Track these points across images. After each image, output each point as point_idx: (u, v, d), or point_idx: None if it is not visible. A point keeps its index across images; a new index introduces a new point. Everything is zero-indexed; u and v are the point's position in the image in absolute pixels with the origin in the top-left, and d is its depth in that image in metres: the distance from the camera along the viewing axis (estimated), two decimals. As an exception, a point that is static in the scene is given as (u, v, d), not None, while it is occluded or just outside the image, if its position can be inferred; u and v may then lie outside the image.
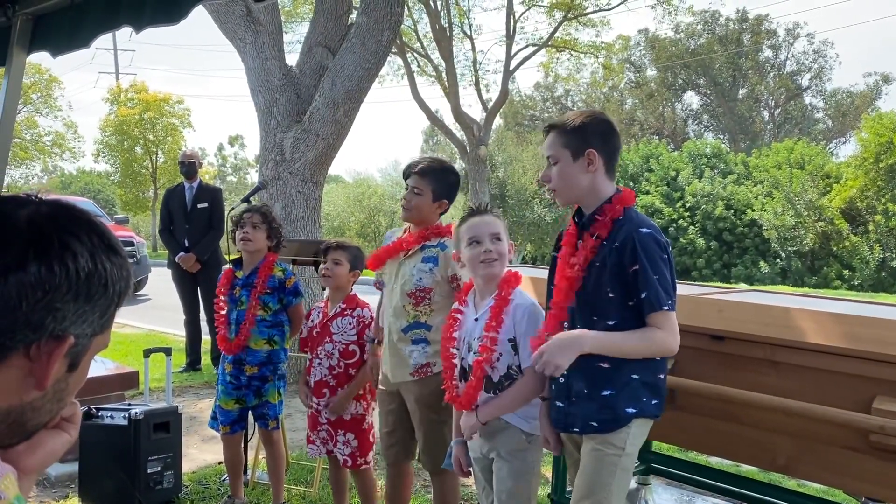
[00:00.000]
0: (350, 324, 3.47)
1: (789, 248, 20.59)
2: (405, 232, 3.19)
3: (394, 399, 3.17)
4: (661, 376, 2.28)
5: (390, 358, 3.10)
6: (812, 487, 3.86)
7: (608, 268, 2.19)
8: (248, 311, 3.68)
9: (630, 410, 2.20)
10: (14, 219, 0.83)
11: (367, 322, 3.45)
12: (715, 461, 4.17)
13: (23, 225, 0.83)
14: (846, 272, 19.89)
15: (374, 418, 3.48)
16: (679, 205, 22.49)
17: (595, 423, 2.23)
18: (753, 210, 21.46)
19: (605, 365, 2.21)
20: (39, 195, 0.89)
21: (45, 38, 2.95)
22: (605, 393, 2.21)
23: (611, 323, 2.20)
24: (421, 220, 3.09)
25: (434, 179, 3.05)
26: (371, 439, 3.50)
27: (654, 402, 2.24)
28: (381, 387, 3.25)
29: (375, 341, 3.34)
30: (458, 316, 2.64)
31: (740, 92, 36.57)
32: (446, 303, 3.02)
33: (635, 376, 2.21)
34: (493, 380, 2.48)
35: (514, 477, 2.47)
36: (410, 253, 3.08)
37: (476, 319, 2.54)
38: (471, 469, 2.69)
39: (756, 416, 2.43)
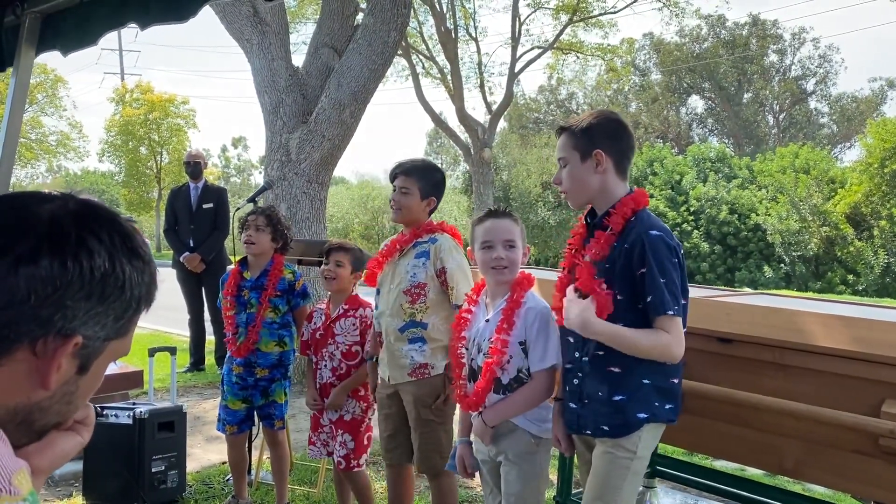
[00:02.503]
0: (353, 325, 3.46)
1: (793, 253, 20.54)
2: (399, 235, 3.22)
3: (393, 402, 3.17)
4: (675, 381, 2.25)
5: (388, 359, 3.10)
6: (818, 491, 3.84)
7: (617, 270, 2.18)
8: (258, 315, 3.67)
9: (641, 416, 2.19)
10: (36, 213, 0.83)
11: (369, 322, 3.43)
12: (719, 464, 4.16)
13: (43, 219, 0.82)
14: (850, 277, 19.85)
15: (374, 421, 3.47)
16: (683, 209, 22.45)
17: (606, 427, 2.22)
18: (758, 214, 21.42)
19: (616, 369, 2.20)
20: (73, 194, 0.88)
21: (54, 36, 2.95)
22: (617, 398, 2.20)
23: (619, 325, 2.19)
24: (411, 220, 3.11)
25: (421, 178, 3.08)
26: (366, 442, 3.49)
27: (667, 406, 2.23)
28: (379, 390, 3.24)
29: (374, 358, 3.32)
30: (468, 315, 2.63)
31: (745, 96, 36.51)
32: (439, 300, 3.03)
33: (646, 381, 2.19)
34: (503, 382, 2.47)
35: (523, 480, 2.47)
36: (404, 252, 3.10)
37: (487, 320, 2.54)
38: (474, 470, 2.68)
39: (764, 419, 2.41)
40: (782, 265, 20.99)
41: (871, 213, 20.21)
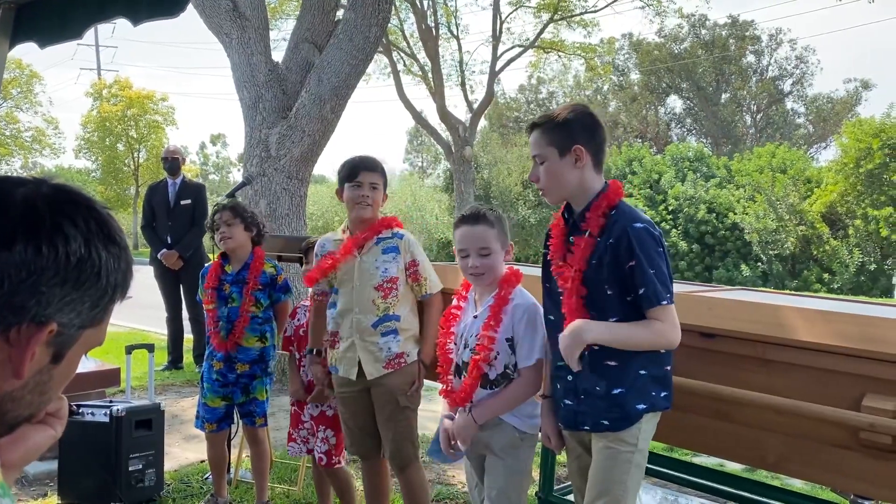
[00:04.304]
0: None
1: (770, 252, 20.76)
2: (344, 233, 3.17)
3: (361, 398, 3.13)
4: (668, 368, 2.27)
5: (362, 355, 3.05)
6: (796, 486, 3.87)
7: (605, 265, 2.16)
8: (243, 309, 3.64)
9: (640, 407, 2.19)
10: (9, 196, 0.80)
11: None
12: (699, 459, 4.18)
13: (17, 203, 0.80)
14: (826, 276, 20.10)
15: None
16: (661, 208, 22.60)
17: (606, 422, 2.22)
18: (735, 213, 21.61)
19: (613, 363, 2.19)
20: (46, 179, 0.85)
21: (30, 28, 2.89)
22: (615, 391, 2.19)
23: (612, 320, 2.19)
24: (375, 215, 3.13)
25: (383, 174, 3.14)
26: None
27: (663, 394, 2.24)
28: (341, 390, 3.18)
29: (314, 352, 3.29)
30: (457, 312, 2.63)
31: (723, 96, 36.84)
32: (406, 291, 3.08)
33: (643, 372, 2.20)
34: (490, 377, 2.47)
35: (507, 474, 2.46)
36: (366, 249, 3.07)
37: (475, 317, 2.53)
38: (457, 448, 2.60)
39: (746, 413, 2.42)
40: (759, 264, 21.20)
41: (846, 212, 20.49)
